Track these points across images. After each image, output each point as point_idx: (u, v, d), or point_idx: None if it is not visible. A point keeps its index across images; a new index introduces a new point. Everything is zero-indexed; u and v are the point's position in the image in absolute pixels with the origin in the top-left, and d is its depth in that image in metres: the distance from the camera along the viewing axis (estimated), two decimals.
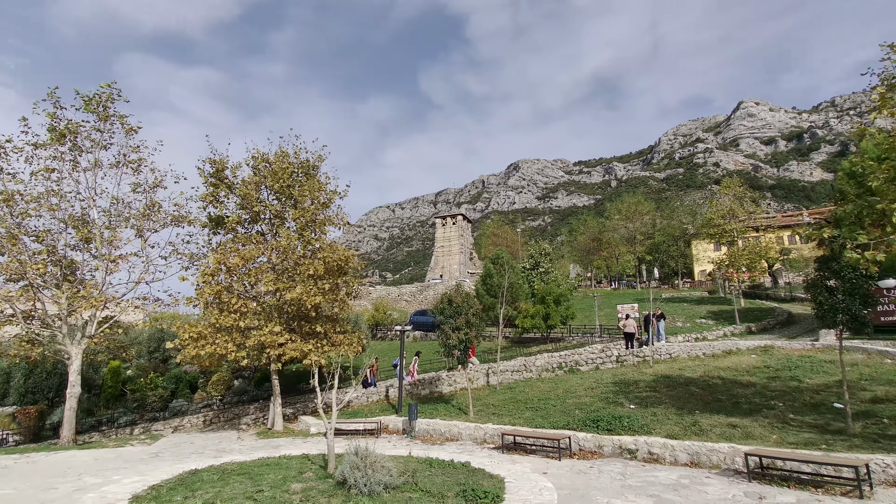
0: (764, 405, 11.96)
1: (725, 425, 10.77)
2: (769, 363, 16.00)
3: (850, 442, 9.02)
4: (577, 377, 17.99)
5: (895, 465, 7.71)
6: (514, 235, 50.69)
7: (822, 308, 9.64)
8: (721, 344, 19.68)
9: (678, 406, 12.67)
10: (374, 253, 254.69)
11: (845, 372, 13.65)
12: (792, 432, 9.93)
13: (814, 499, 7.22)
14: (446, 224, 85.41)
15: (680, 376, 15.62)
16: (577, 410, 13.61)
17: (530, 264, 32.43)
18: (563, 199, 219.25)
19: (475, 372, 19.41)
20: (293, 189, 16.79)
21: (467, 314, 14.89)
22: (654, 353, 18.99)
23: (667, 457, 9.95)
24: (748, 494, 7.50)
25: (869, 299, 9.23)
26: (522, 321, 23.90)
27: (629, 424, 11.51)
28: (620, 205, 46.52)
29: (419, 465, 7.95)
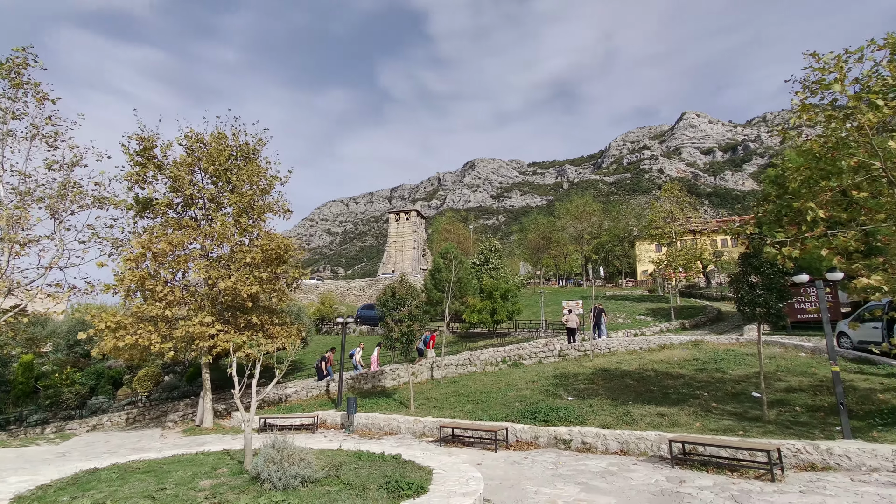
0: (690, 395, 12.48)
1: (655, 414, 11.13)
2: (698, 356, 16.78)
3: (765, 428, 9.52)
4: (520, 371, 18.17)
5: (804, 450, 8.18)
6: (466, 232, 50.91)
7: (742, 302, 10.12)
8: (656, 339, 20.48)
9: (613, 397, 13.00)
10: (327, 247, 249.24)
11: (763, 363, 14.49)
12: (714, 420, 10.39)
13: (729, 482, 7.52)
14: (399, 219, 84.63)
15: (617, 369, 16.09)
16: (517, 403, 13.69)
17: (480, 260, 32.60)
18: (517, 198, 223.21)
19: (419, 366, 19.19)
20: (231, 173, 15.84)
21: (410, 306, 14.62)
22: (595, 348, 19.51)
23: (599, 446, 10.14)
24: (670, 479, 7.72)
25: (784, 294, 9.77)
26: (469, 316, 23.93)
27: (566, 416, 11.67)
28: (569, 205, 47.87)
29: (347, 459, 7.63)
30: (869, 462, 7.69)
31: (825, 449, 8.00)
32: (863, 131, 8.36)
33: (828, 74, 8.88)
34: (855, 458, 7.78)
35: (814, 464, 8.02)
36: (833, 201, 9.10)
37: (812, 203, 8.81)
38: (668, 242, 33.25)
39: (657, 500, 6.76)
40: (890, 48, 8.74)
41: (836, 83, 8.35)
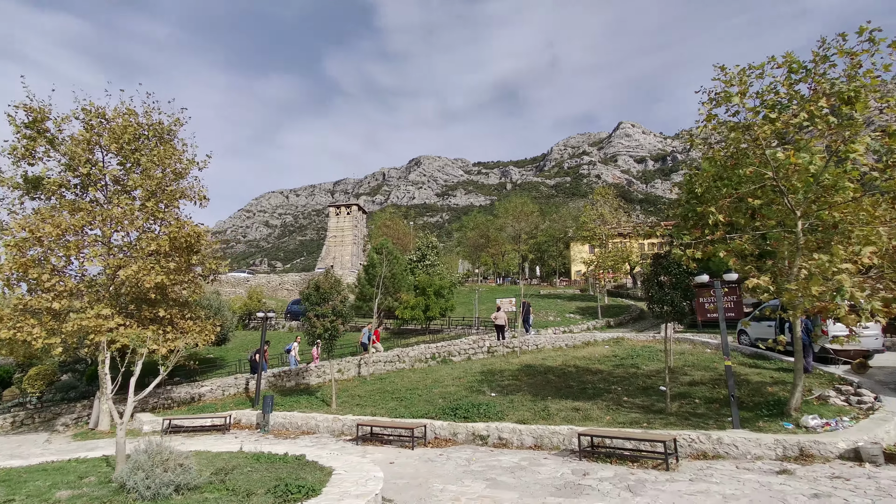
0: (606, 390, 12.94)
1: (570, 409, 11.40)
2: (617, 353, 17.52)
3: (667, 420, 10.00)
4: (448, 367, 18.13)
5: (698, 440, 8.64)
6: (405, 228, 50.43)
7: (652, 300, 10.58)
8: (582, 336, 21.21)
9: (534, 393, 13.22)
10: (264, 240, 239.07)
11: (672, 359, 15.33)
12: (623, 413, 10.79)
13: (629, 472, 7.77)
14: (340, 213, 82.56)
15: (541, 365, 16.44)
16: (440, 400, 13.59)
17: (417, 257, 32.39)
18: (462, 197, 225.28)
19: (346, 363, 18.67)
20: (140, 153, 14.49)
21: (335, 301, 14.10)
22: (523, 345, 19.88)
23: (514, 441, 10.23)
24: (575, 472, 7.87)
25: (689, 293, 10.32)
26: (402, 312, 23.64)
27: (486, 412, 11.70)
28: (508, 205, 48.87)
29: (243, 461, 7.12)
30: (754, 450, 8.24)
31: (716, 438, 8.49)
32: (758, 142, 8.95)
33: (731, 87, 9.43)
34: (742, 447, 8.30)
35: (706, 453, 8.49)
36: (731, 207, 9.70)
37: (713, 208, 9.34)
38: (599, 244, 34.70)
39: (558, 493, 6.84)
40: (787, 67, 9.41)
41: (735, 96, 8.87)
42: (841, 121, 8.80)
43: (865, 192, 8.38)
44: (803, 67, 9.23)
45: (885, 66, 8.65)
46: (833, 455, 7.72)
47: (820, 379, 12.19)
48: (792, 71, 9.33)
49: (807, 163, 8.18)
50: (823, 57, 9.02)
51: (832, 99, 8.78)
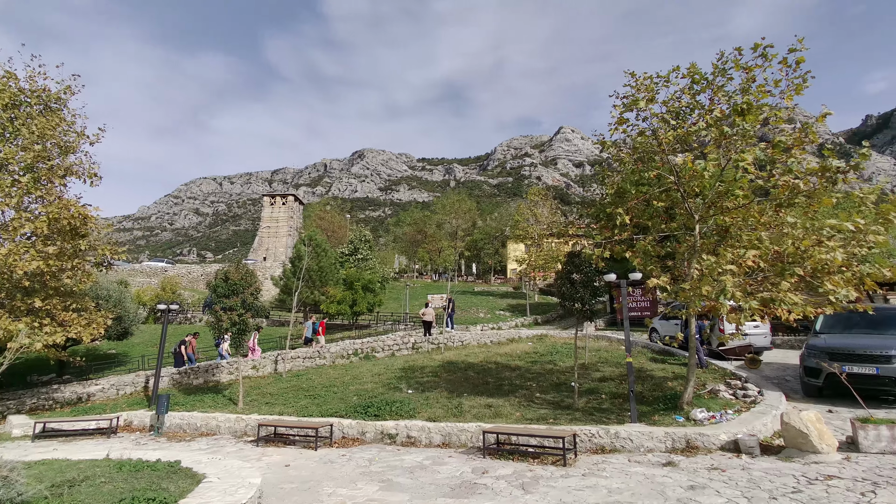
0: (521, 386, 13.08)
1: (483, 406, 11.36)
2: (538, 349, 17.88)
3: (573, 415, 10.19)
4: (370, 364, 17.67)
5: (598, 435, 8.82)
6: (341, 220, 48.94)
7: (564, 297, 10.74)
8: (507, 333, 21.50)
9: (451, 390, 13.09)
10: (194, 228, 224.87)
11: (588, 356, 15.83)
12: (533, 409, 10.90)
13: (528, 469, 7.76)
14: (275, 203, 79.14)
15: (463, 362, 16.41)
16: (355, 397, 13.14)
17: (349, 250, 31.50)
18: (405, 192, 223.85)
19: (263, 359, 17.67)
20: (18, 122, 12.75)
21: (244, 294, 13.20)
22: (448, 341, 19.80)
23: (423, 439, 10.01)
24: (475, 470, 7.74)
25: (597, 291, 10.57)
26: (328, 306, 22.83)
27: (399, 409, 11.40)
28: (445, 201, 48.91)
29: (103, 471, 6.34)
30: (646, 444, 8.53)
31: (613, 433, 8.71)
32: (662, 147, 9.26)
33: (639, 94, 9.71)
34: (636, 441, 8.57)
35: (604, 447, 8.68)
36: (639, 209, 10.02)
37: (620, 209, 9.58)
38: (532, 244, 35.53)
39: (452, 494, 6.66)
40: (690, 77, 9.82)
41: (641, 101, 9.11)
42: (735, 131, 9.31)
43: (754, 199, 8.90)
44: (704, 78, 9.67)
45: (776, 81, 9.23)
46: (715, 447, 8.13)
47: (714, 374, 12.99)
48: (694, 81, 9.75)
49: (702, 169, 8.55)
50: (722, 70, 9.49)
51: (727, 110, 9.28)
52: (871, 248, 8.07)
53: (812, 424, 7.36)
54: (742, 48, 9.13)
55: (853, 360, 9.68)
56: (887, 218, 7.94)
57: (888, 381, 9.29)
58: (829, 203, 8.59)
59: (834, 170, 8.29)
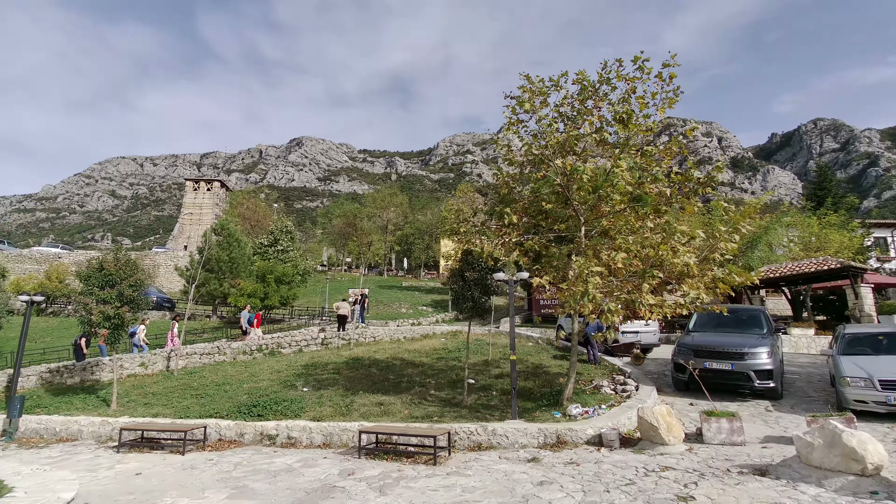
0: (420, 383, 13.02)
1: (375, 404, 11.16)
2: (448, 346, 17.96)
3: (459, 413, 10.24)
4: (274, 360, 16.94)
5: (476, 432, 8.88)
6: (266, 210, 46.44)
7: (455, 294, 10.75)
8: (423, 329, 21.42)
9: (348, 387, 12.79)
10: (109, 212, 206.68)
11: (495, 352, 16.07)
12: (423, 407, 10.85)
13: (397, 468, 7.66)
14: (199, 189, 74.26)
15: (369, 358, 16.13)
16: (245, 396, 12.50)
17: (269, 241, 30.11)
18: (345, 184, 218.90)
19: (153, 356, 16.40)
20: None
21: (122, 286, 12.10)
22: (360, 336, 19.44)
23: (304, 440, 9.66)
24: (342, 472, 7.52)
25: (487, 288, 10.68)
26: (236, 300, 21.65)
27: (286, 409, 10.95)
28: (376, 194, 48.11)
29: None
30: (521, 440, 8.70)
31: (491, 430, 8.82)
32: (548, 149, 9.47)
33: (528, 95, 9.86)
34: (511, 437, 8.73)
35: (481, 444, 8.77)
36: (529, 209, 10.21)
37: (508, 209, 9.70)
38: (458, 240, 35.81)
39: (305, 499, 6.39)
40: (579, 83, 10.10)
41: (526, 102, 9.26)
42: (616, 139, 9.71)
43: (629, 204, 9.31)
44: (592, 86, 10.00)
45: (653, 94, 9.71)
46: (582, 441, 8.45)
47: (604, 370, 13.63)
48: (583, 88, 10.06)
49: (580, 173, 8.82)
50: (606, 79, 9.84)
51: (609, 117, 9.65)
52: (723, 254, 8.69)
53: (662, 418, 7.82)
54: (623, 59, 9.51)
55: (713, 357, 10.47)
56: (736, 227, 8.59)
57: (741, 376, 10.13)
58: (692, 211, 9.18)
59: (695, 181, 8.84)
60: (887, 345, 9.56)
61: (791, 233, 26.99)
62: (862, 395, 8.51)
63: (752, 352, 10.14)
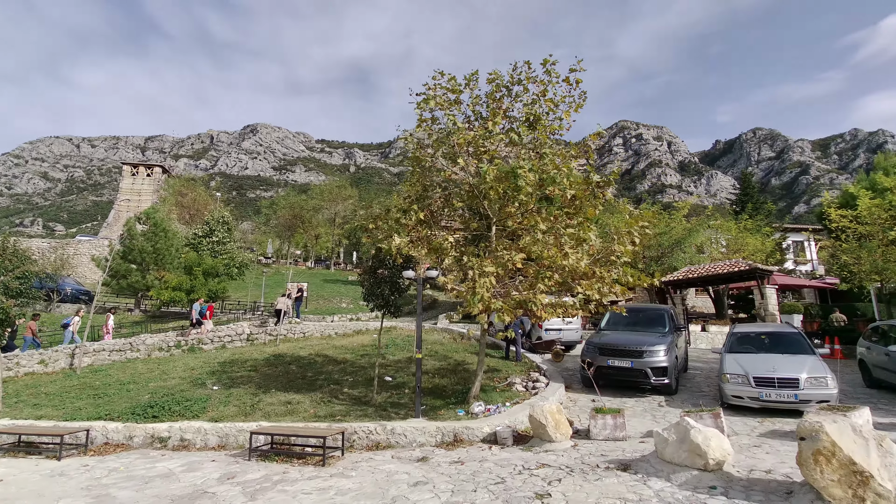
0: (337, 380, 12.80)
1: (283, 402, 10.88)
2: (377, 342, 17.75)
3: (365, 412, 10.13)
4: (192, 357, 16.22)
5: (375, 431, 8.81)
6: (206, 198, 44.12)
7: (365, 290, 10.62)
8: (357, 324, 21.16)
9: (261, 385, 12.41)
10: (40, 195, 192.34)
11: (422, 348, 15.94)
12: (332, 406, 10.66)
13: (283, 470, 7.47)
14: (138, 174, 70.17)
15: (292, 355, 15.73)
16: (148, 396, 11.88)
17: (204, 231, 28.80)
18: (301, 174, 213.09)
19: (55, 353, 15.31)
20: None
21: (6, 277, 11.18)
22: (289, 332, 18.96)
23: (198, 442, 9.27)
24: (223, 476, 7.25)
25: (396, 286, 10.61)
26: (158, 293, 20.57)
27: (185, 409, 10.50)
28: (324, 186, 46.97)
29: None
30: (419, 439, 8.70)
31: (390, 429, 8.77)
32: (455, 148, 9.46)
33: (442, 92, 9.80)
34: (410, 436, 8.70)
35: (380, 443, 8.70)
36: (431, 206, 10.19)
37: (415, 206, 9.64)
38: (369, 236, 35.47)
39: None
40: (492, 84, 10.13)
41: (431, 100, 9.20)
42: (527, 140, 9.82)
43: (534, 205, 9.44)
44: (504, 86, 10.06)
45: (562, 97, 9.89)
46: (478, 439, 8.54)
47: (523, 367, 13.89)
48: (495, 89, 10.11)
49: (485, 173, 8.86)
50: (518, 80, 9.93)
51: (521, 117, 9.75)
52: (619, 256, 8.97)
53: (551, 416, 8.01)
54: (531, 62, 9.63)
55: (616, 355, 10.86)
56: (630, 231, 8.89)
57: (639, 373, 10.56)
58: (593, 213, 9.42)
59: (594, 184, 9.07)
60: (769, 344, 10.21)
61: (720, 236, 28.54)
62: (738, 391, 9.05)
63: (649, 350, 10.58)
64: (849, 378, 11.84)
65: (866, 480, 4.37)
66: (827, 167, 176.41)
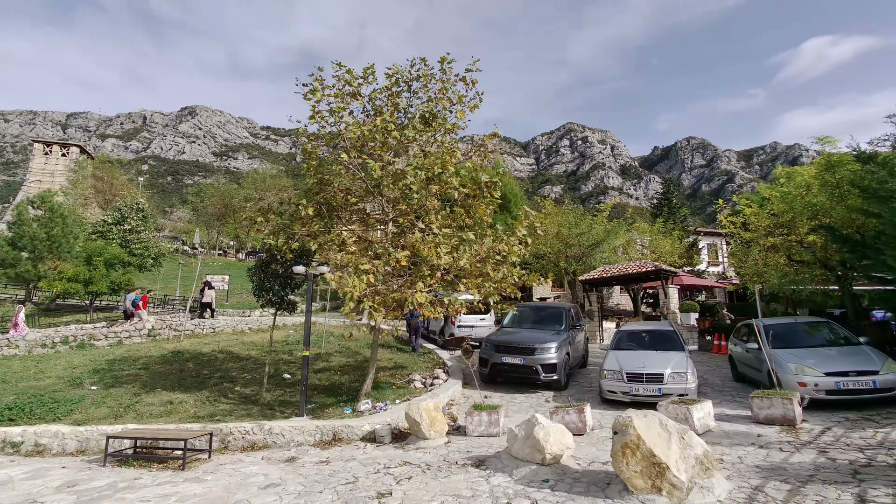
0: (233, 378, 12.30)
1: (164, 403, 10.31)
2: (290, 338, 17.28)
3: (250, 411, 9.79)
4: (79, 354, 15.04)
5: (252, 431, 8.48)
6: (123, 181, 40.67)
7: (255, 286, 10.25)
8: (270, 320, 20.40)
9: (148, 384, 11.70)
10: None
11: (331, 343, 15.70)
12: (218, 405, 10.22)
13: (136, 476, 7.05)
14: (52, 153, 64.24)
15: (193, 351, 14.97)
16: (13, 397, 10.88)
17: (114, 218, 26.81)
18: (244, 161, 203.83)
19: None
20: None
21: None
22: (197, 328, 18.06)
23: (55, 446, 8.58)
24: (63, 485, 6.71)
25: (289, 282, 10.32)
26: (51, 284, 18.94)
27: (49, 411, 9.74)
28: (255, 175, 44.94)
29: None
30: (297, 438, 8.48)
31: (268, 429, 8.49)
32: (346, 143, 9.27)
33: (349, 85, 9.58)
34: (288, 436, 8.47)
35: (256, 443, 8.40)
36: (331, 201, 9.98)
37: (303, 200, 9.38)
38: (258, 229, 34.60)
39: None
40: (391, 78, 10.01)
41: (318, 91, 8.97)
42: (423, 138, 9.78)
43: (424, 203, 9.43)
44: (405, 81, 9.98)
45: (460, 97, 9.94)
46: (357, 437, 8.45)
47: (431, 363, 13.97)
48: (395, 84, 10.01)
49: (371, 169, 8.74)
50: (417, 76, 9.88)
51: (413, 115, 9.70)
52: (505, 256, 9.15)
53: (426, 413, 8.05)
54: (427, 59, 9.59)
55: (510, 352, 11.12)
56: (514, 233, 9.10)
57: (530, 370, 10.86)
58: (483, 213, 9.55)
59: (484, 184, 9.19)
60: (648, 341, 10.80)
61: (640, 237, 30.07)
62: (613, 386, 9.52)
63: (541, 347, 10.90)
64: (724, 372, 12.79)
65: (663, 471, 4.67)
66: (750, 176, 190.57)
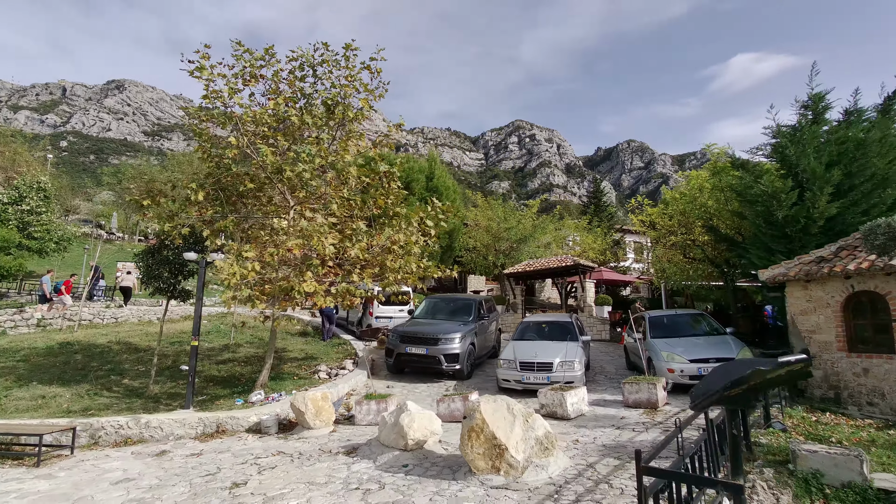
0: (123, 371, 11.60)
1: (36, 397, 9.57)
2: (213, 329, 16.45)
3: (131, 404, 9.30)
4: None
5: (127, 426, 8.02)
6: (27, 156, 36.55)
7: (143, 272, 9.71)
8: (184, 310, 19.46)
9: (24, 377, 10.81)
10: None
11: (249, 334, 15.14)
12: (97, 398, 9.63)
13: None
14: None
15: (84, 342, 13.94)
16: None
17: (10, 198, 24.34)
18: (179, 142, 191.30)
19: None
20: None
21: None
22: (96, 317, 16.87)
23: None
24: None
25: (181, 269, 9.86)
26: None
27: None
28: (181, 157, 42.34)
29: None
30: (178, 431, 8.13)
31: (144, 423, 8.07)
32: (240, 126, 8.93)
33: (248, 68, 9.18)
34: (167, 429, 8.10)
35: (131, 438, 7.97)
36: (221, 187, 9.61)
37: (193, 184, 8.96)
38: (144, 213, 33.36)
39: None
40: (298, 61, 9.71)
41: (206, 69, 8.59)
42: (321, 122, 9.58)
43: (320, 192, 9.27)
44: (309, 65, 9.71)
45: (364, 85, 9.81)
46: (242, 428, 8.23)
47: (342, 354, 13.81)
48: (299, 67, 9.72)
49: (262, 155, 8.47)
50: (321, 61, 9.65)
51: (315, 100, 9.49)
52: (402, 247, 9.19)
53: (312, 403, 7.98)
54: (329, 44, 9.39)
55: (414, 343, 11.22)
56: (411, 222, 9.15)
57: (433, 360, 11.01)
58: (383, 203, 9.53)
59: (383, 174, 9.16)
60: (547, 332, 11.26)
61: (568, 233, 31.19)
62: (508, 375, 9.84)
63: (445, 338, 11.07)
64: (622, 362, 13.58)
65: (502, 452, 4.88)
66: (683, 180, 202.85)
